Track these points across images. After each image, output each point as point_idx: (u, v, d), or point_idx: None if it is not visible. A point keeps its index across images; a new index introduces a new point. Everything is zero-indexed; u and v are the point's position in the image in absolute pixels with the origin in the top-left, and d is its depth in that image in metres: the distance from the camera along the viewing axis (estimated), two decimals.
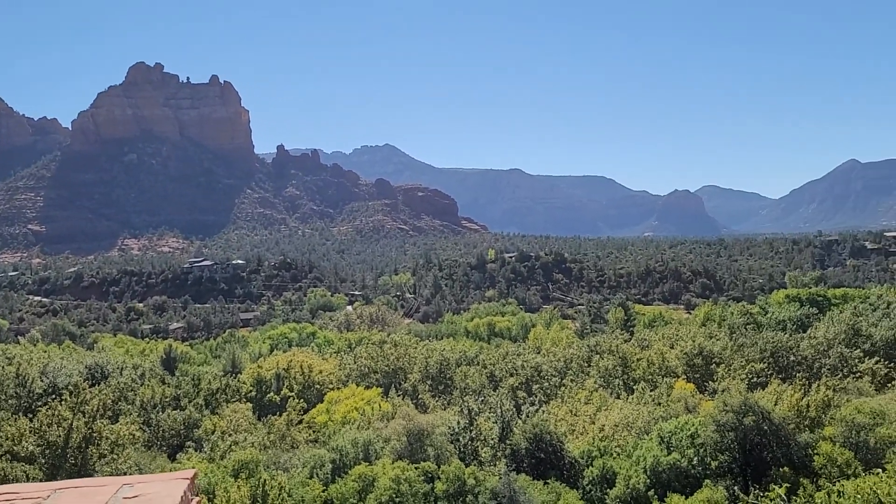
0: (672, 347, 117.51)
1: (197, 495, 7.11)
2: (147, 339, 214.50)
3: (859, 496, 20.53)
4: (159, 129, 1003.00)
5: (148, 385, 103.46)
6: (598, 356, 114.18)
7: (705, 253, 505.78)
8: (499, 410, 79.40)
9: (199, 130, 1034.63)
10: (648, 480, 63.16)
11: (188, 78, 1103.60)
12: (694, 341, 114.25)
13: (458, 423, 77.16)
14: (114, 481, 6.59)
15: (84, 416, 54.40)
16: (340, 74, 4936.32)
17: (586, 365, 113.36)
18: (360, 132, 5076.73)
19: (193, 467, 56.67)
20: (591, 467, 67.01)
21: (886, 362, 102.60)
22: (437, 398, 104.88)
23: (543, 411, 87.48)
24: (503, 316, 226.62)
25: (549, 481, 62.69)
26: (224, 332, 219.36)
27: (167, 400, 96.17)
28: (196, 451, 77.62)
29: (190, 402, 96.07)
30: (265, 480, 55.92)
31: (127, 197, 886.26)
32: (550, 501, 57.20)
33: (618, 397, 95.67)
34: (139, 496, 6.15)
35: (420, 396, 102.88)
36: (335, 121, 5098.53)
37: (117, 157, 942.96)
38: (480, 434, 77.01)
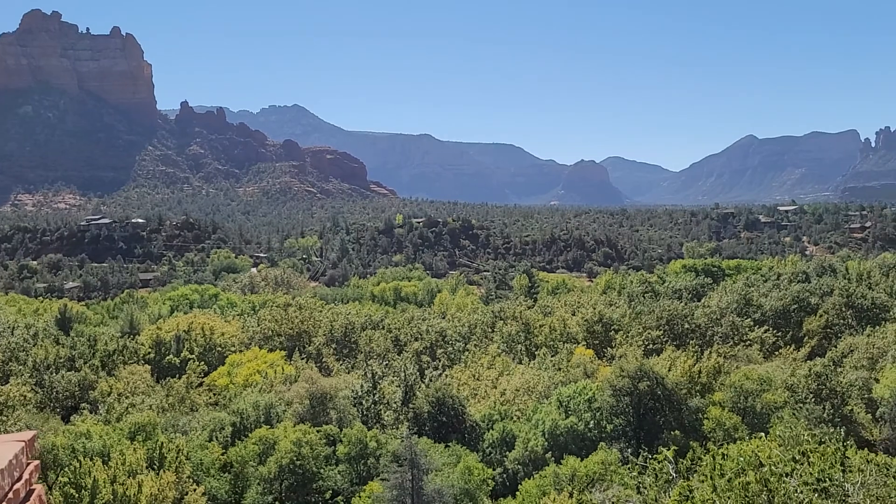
0: (573, 314, 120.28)
1: (36, 459, 6.88)
2: (41, 298, 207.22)
3: (742, 459, 21.41)
4: (56, 80, 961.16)
5: (41, 345, 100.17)
6: (501, 322, 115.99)
7: (608, 223, 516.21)
8: (402, 374, 79.94)
9: (100, 84, 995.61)
10: (546, 443, 64.80)
11: (88, 29, 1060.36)
12: (595, 308, 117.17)
13: (362, 386, 77.41)
14: None
15: None
16: (249, 30, 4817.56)
17: (490, 330, 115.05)
18: (268, 91, 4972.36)
19: (88, 429, 55.36)
20: (491, 430, 68.29)
21: (775, 331, 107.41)
22: (341, 362, 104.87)
23: (447, 375, 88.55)
24: (409, 281, 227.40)
25: (450, 444, 63.64)
26: (122, 293, 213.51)
27: (61, 360, 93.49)
28: (91, 412, 75.88)
29: (85, 363, 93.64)
30: (163, 443, 55.04)
31: (21, 150, 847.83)
32: (451, 464, 58.07)
33: (520, 362, 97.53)
34: None
35: (324, 360, 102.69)
36: (242, 79, 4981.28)
37: (11, 108, 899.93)
38: (384, 398, 77.46)
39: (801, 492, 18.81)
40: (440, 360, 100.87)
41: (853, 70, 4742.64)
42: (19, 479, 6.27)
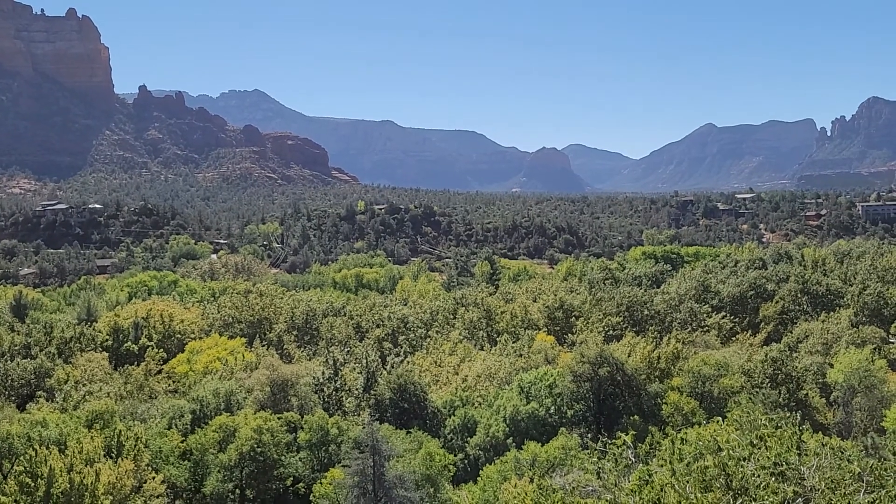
0: (535, 301, 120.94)
1: None
2: None
3: (701, 443, 21.67)
4: (10, 63, 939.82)
5: None
6: (463, 308, 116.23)
7: (569, 210, 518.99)
8: (364, 361, 79.84)
9: (55, 66, 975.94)
10: (508, 429, 65.18)
11: (42, 10, 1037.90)
12: (556, 295, 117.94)
13: (323, 373, 77.17)
14: None
15: None
16: (209, 13, 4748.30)
17: (452, 317, 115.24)
18: (228, 76, 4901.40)
19: (44, 417, 54.59)
20: (453, 417, 68.52)
21: (732, 317, 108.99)
22: (302, 349, 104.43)
23: (408, 362, 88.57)
24: (371, 267, 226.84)
25: (411, 430, 63.72)
26: (79, 279, 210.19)
27: (17, 348, 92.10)
28: (48, 400, 74.85)
29: (41, 350, 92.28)
30: (121, 431, 54.45)
31: None
32: (413, 450, 58.15)
33: (481, 349, 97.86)
34: None
35: (285, 347, 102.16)
36: (202, 63, 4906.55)
37: None
38: (345, 384, 77.31)
39: (759, 475, 19.10)
40: (402, 347, 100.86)
41: (810, 59, 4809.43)
42: None
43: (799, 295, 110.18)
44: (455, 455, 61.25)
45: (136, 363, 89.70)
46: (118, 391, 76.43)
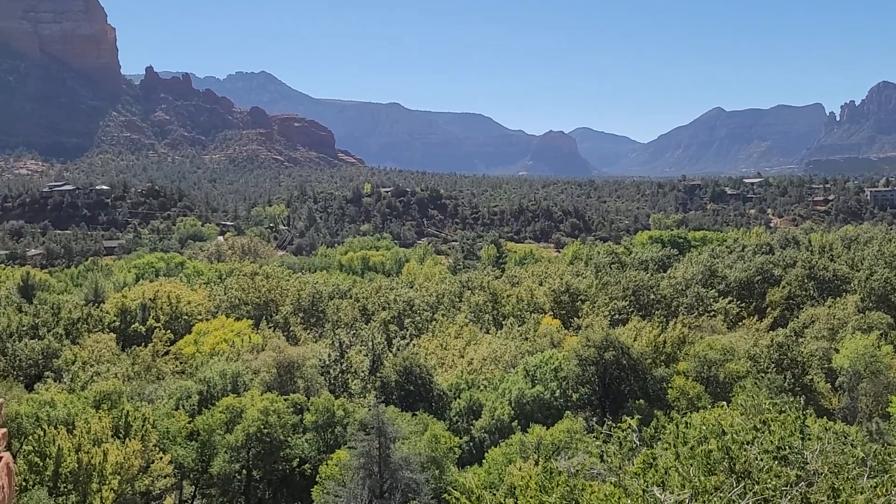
0: (541, 284, 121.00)
1: (3, 426, 6.86)
2: (2, 266, 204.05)
3: (705, 427, 21.73)
4: (17, 43, 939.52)
5: (3, 313, 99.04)
6: (469, 292, 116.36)
7: (576, 193, 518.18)
8: (370, 343, 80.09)
9: (62, 47, 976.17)
10: (513, 412, 65.39)
11: None
12: (562, 279, 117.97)
13: (329, 355, 77.43)
14: None
15: None
16: None
17: (458, 300, 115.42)
18: (235, 57, 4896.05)
19: (52, 398, 54.89)
20: (458, 399, 68.73)
21: (738, 302, 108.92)
22: (308, 331, 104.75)
23: (414, 345, 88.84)
24: (377, 250, 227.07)
25: (417, 413, 63.94)
26: (86, 260, 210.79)
27: (24, 328, 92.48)
28: (55, 381, 75.28)
29: (49, 331, 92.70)
30: (128, 412, 54.81)
31: None
32: (418, 432, 58.37)
33: (487, 332, 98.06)
34: None
35: (291, 329, 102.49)
36: (209, 44, 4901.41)
37: None
38: (351, 366, 77.58)
39: (762, 459, 19.17)
40: (408, 330, 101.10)
41: (820, 43, 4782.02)
42: None
43: (806, 280, 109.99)
44: (460, 437, 61.48)
45: (143, 344, 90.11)
46: (125, 372, 76.82)
